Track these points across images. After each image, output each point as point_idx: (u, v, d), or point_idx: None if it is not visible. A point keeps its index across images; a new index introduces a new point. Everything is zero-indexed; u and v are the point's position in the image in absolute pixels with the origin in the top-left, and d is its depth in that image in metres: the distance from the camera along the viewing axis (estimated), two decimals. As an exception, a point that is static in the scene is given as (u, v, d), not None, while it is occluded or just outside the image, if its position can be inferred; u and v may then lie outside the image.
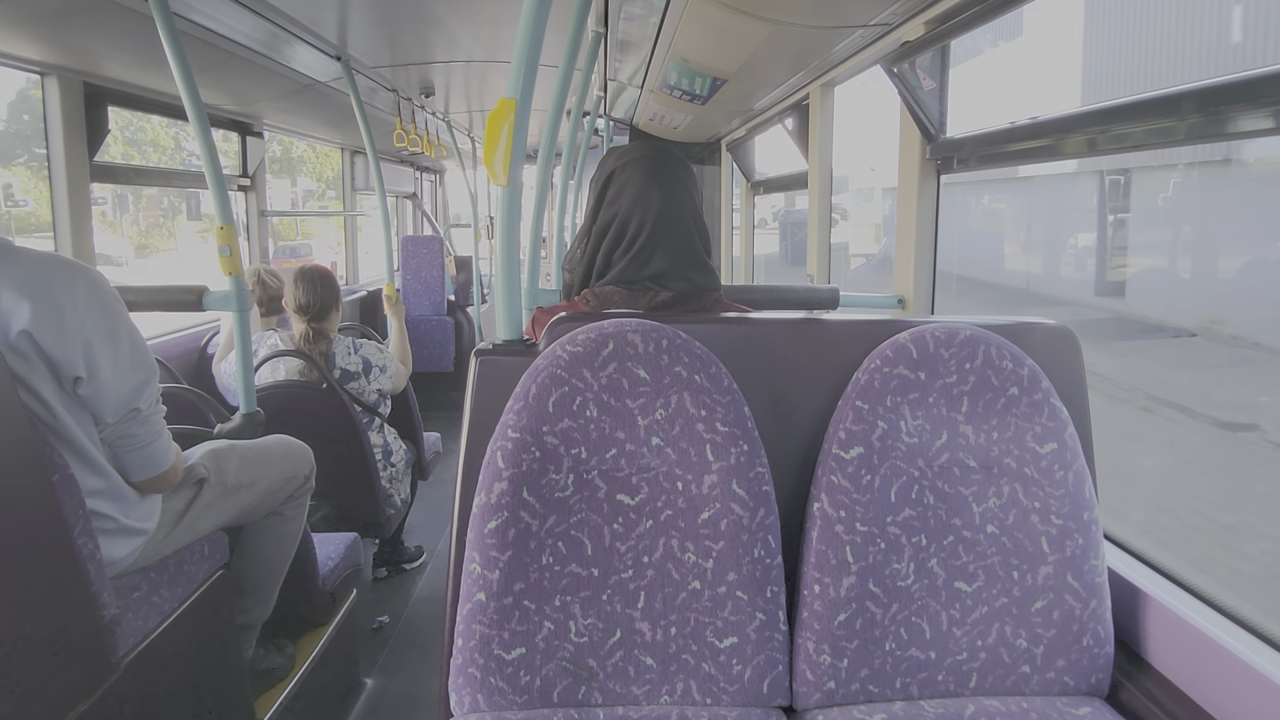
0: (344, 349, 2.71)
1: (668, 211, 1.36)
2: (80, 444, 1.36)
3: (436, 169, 7.36)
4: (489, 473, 1.08)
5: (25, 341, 1.25)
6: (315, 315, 2.64)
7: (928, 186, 2.02)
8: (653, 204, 1.36)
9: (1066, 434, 1.15)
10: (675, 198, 1.37)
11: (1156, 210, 9.31)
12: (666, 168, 1.39)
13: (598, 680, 1.09)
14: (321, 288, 2.66)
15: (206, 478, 1.63)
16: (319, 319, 2.66)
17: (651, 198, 1.36)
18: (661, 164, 1.40)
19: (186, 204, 18.03)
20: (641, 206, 1.36)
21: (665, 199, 1.37)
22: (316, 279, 2.66)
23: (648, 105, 3.69)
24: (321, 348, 2.65)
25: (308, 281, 2.64)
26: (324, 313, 2.66)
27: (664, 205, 1.36)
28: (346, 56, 2.90)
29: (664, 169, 1.39)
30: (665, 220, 1.36)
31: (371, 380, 2.76)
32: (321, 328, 2.67)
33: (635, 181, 1.38)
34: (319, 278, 2.67)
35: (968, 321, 1.20)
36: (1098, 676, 1.14)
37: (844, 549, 1.11)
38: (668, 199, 1.37)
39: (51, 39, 2.10)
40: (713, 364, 1.12)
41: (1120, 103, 1.34)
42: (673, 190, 1.37)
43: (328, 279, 2.69)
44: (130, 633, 1.39)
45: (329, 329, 2.69)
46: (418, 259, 5.28)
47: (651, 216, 1.35)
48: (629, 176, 1.39)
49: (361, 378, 2.73)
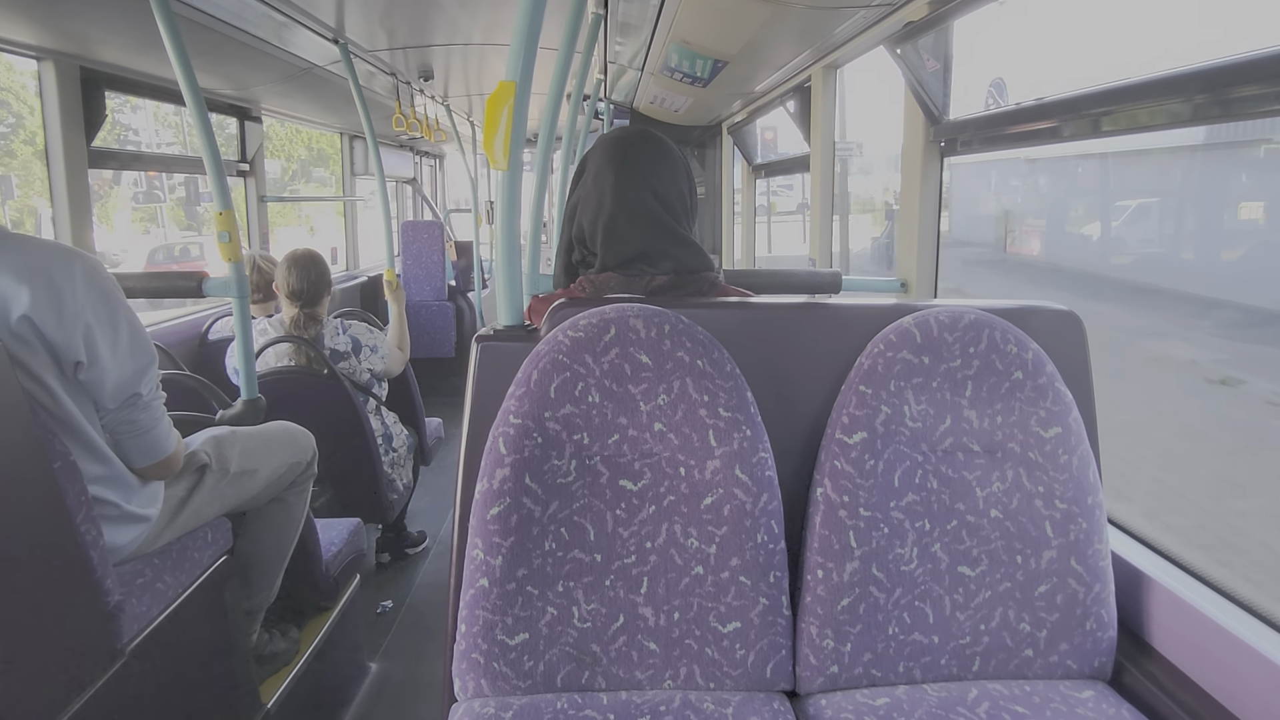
0: (332, 329, 2.71)
1: (624, 192, 1.33)
2: (82, 430, 1.36)
3: (436, 154, 7.32)
4: (491, 459, 1.08)
5: (26, 326, 1.25)
6: (308, 300, 2.64)
7: (931, 169, 2.01)
8: (608, 187, 1.34)
9: (1071, 418, 1.14)
10: (632, 178, 1.34)
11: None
12: (627, 149, 1.37)
13: (601, 665, 1.10)
14: (315, 273, 2.65)
15: (208, 464, 1.63)
16: (311, 304, 2.65)
17: (607, 181, 1.34)
18: (623, 147, 1.37)
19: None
20: (599, 191, 1.34)
21: (621, 181, 1.34)
22: (309, 264, 2.65)
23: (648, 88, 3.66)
24: (313, 332, 2.65)
25: (301, 267, 2.63)
26: (317, 297, 2.66)
27: (619, 187, 1.34)
28: (344, 40, 2.87)
29: (623, 151, 1.37)
30: (623, 201, 1.33)
31: (362, 359, 2.75)
32: (314, 312, 2.66)
33: (594, 167, 1.37)
34: (311, 262, 2.66)
35: (971, 305, 1.19)
36: (1101, 660, 1.14)
37: (847, 534, 1.11)
38: (624, 180, 1.34)
39: (48, 23, 2.08)
40: (715, 349, 1.12)
41: (1125, 83, 1.33)
42: (631, 171, 1.35)
43: (319, 263, 2.68)
44: (134, 619, 1.40)
45: (320, 313, 2.69)
46: (418, 244, 5.27)
47: (609, 199, 1.33)
48: (592, 164, 1.38)
49: (351, 357, 2.73)
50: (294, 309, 2.64)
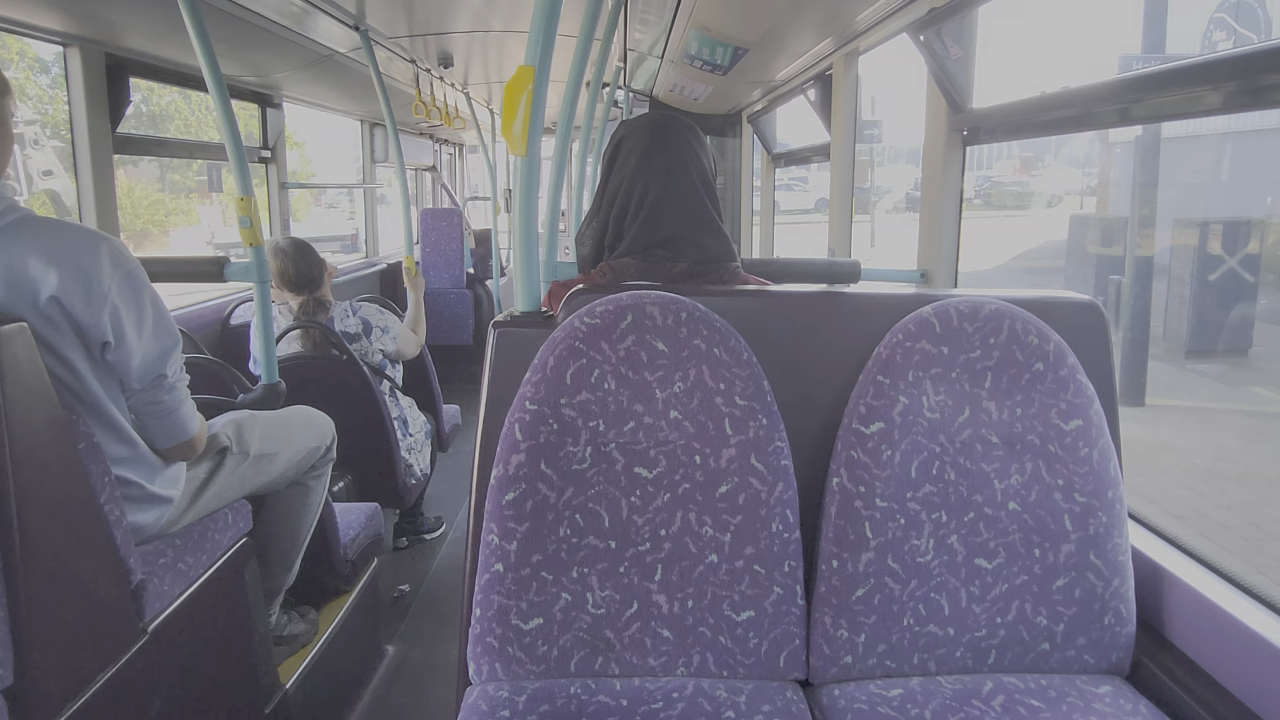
0: (341, 311, 2.71)
1: (673, 173, 1.36)
2: (107, 411, 1.38)
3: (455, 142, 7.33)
4: (507, 444, 1.08)
5: (54, 308, 1.27)
6: (309, 285, 2.64)
7: (953, 157, 1.98)
8: (657, 167, 1.36)
9: (1092, 410, 1.13)
10: (680, 159, 1.37)
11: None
12: (670, 131, 1.39)
13: (614, 651, 1.10)
14: (305, 257, 2.63)
15: (229, 447, 1.65)
16: (314, 288, 2.65)
17: (656, 160, 1.36)
18: (665, 128, 1.40)
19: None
20: (646, 170, 1.36)
21: (670, 161, 1.36)
22: (298, 251, 2.62)
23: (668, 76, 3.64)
24: (321, 316, 2.66)
25: (289, 255, 2.60)
26: (318, 281, 2.66)
27: (670, 166, 1.36)
28: (365, 26, 2.88)
29: (668, 133, 1.39)
30: (671, 182, 1.35)
31: (373, 340, 2.75)
32: (320, 296, 2.67)
33: (640, 147, 1.38)
34: (300, 248, 2.63)
35: (992, 295, 1.18)
36: (1118, 655, 1.13)
37: (863, 524, 1.10)
38: (672, 161, 1.36)
39: (74, 9, 2.10)
40: (732, 337, 1.11)
41: (1153, 71, 1.30)
42: (677, 153, 1.37)
43: (306, 247, 2.66)
44: (157, 598, 1.42)
45: (326, 296, 2.69)
46: (437, 232, 5.28)
47: (657, 180, 1.35)
48: (634, 143, 1.39)
49: (363, 339, 2.73)
50: (300, 296, 2.65)
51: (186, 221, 16.36)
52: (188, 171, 16.86)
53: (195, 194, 17.22)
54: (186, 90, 2.95)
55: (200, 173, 16.51)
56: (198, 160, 3.61)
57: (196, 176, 17.06)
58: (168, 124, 15.91)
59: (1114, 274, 7.15)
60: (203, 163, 16.45)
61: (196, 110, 15.61)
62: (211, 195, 16.31)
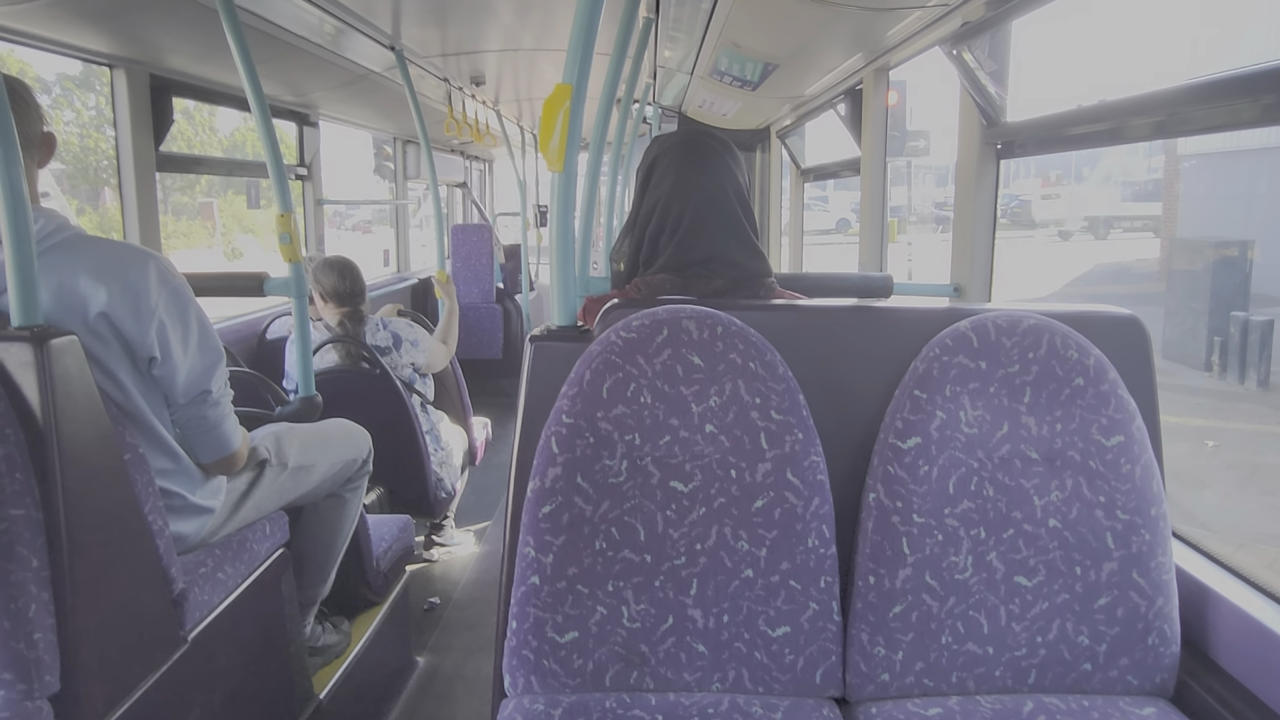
0: (372, 326, 2.76)
1: (710, 192, 1.36)
2: (151, 425, 1.41)
3: (486, 158, 7.42)
4: (543, 458, 1.09)
5: (103, 323, 1.30)
6: (353, 300, 2.71)
7: (986, 171, 1.97)
8: (695, 185, 1.36)
9: (1134, 426, 1.11)
10: (717, 178, 1.38)
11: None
12: (707, 149, 1.40)
13: (649, 666, 1.10)
14: (352, 274, 2.72)
15: (268, 459, 1.68)
16: (355, 302, 2.72)
17: (693, 179, 1.37)
18: (702, 146, 1.40)
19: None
20: (684, 189, 1.37)
21: (707, 180, 1.37)
22: (344, 267, 2.72)
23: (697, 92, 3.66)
24: (358, 332, 2.71)
25: (337, 271, 2.70)
26: (359, 296, 2.73)
27: (706, 186, 1.37)
28: (400, 46, 2.94)
29: (705, 150, 1.40)
30: (708, 201, 1.36)
31: (403, 354, 2.80)
32: (358, 310, 2.73)
33: (677, 165, 1.39)
34: (347, 266, 2.73)
35: (1030, 310, 1.17)
36: (1163, 676, 1.10)
37: (900, 540, 1.09)
38: (709, 180, 1.37)
39: (120, 32, 2.17)
40: (767, 351, 1.11)
41: (1190, 84, 1.29)
42: (714, 171, 1.38)
43: (353, 266, 2.76)
44: (197, 607, 1.44)
45: (364, 311, 2.76)
46: (467, 247, 5.34)
47: (694, 198, 1.36)
48: (671, 161, 1.40)
49: (393, 352, 2.78)
50: (340, 311, 2.70)
51: (186, 244, 16.67)
52: (193, 192, 17.11)
53: (199, 217, 17.39)
54: (189, 110, 3.03)
55: (206, 194, 16.77)
56: (203, 179, 3.69)
57: (201, 198, 17.25)
58: (170, 143, 16.46)
59: (1235, 309, 6.70)
60: (207, 187, 16.31)
61: (200, 131, 15.92)
62: (215, 216, 16.45)
